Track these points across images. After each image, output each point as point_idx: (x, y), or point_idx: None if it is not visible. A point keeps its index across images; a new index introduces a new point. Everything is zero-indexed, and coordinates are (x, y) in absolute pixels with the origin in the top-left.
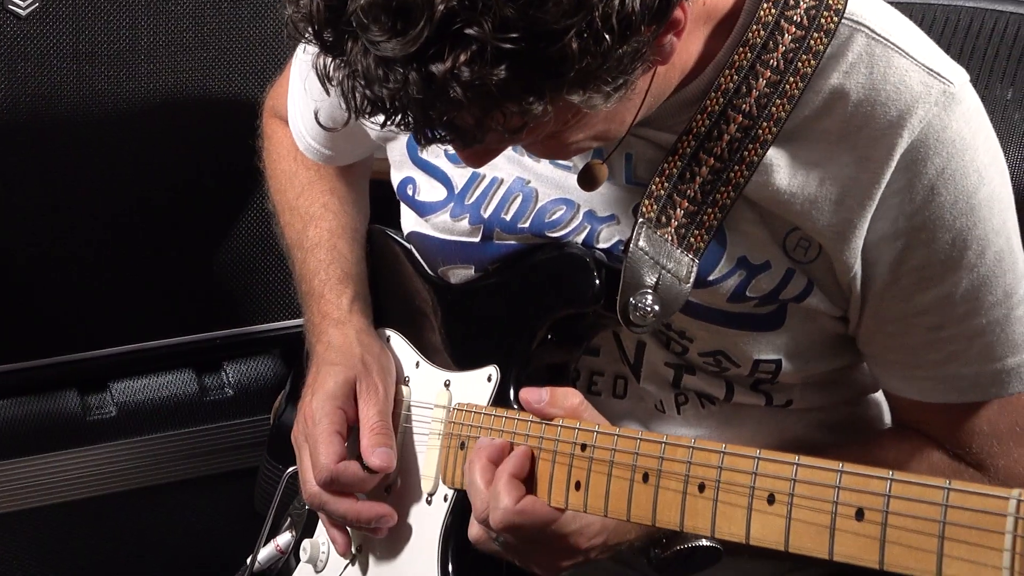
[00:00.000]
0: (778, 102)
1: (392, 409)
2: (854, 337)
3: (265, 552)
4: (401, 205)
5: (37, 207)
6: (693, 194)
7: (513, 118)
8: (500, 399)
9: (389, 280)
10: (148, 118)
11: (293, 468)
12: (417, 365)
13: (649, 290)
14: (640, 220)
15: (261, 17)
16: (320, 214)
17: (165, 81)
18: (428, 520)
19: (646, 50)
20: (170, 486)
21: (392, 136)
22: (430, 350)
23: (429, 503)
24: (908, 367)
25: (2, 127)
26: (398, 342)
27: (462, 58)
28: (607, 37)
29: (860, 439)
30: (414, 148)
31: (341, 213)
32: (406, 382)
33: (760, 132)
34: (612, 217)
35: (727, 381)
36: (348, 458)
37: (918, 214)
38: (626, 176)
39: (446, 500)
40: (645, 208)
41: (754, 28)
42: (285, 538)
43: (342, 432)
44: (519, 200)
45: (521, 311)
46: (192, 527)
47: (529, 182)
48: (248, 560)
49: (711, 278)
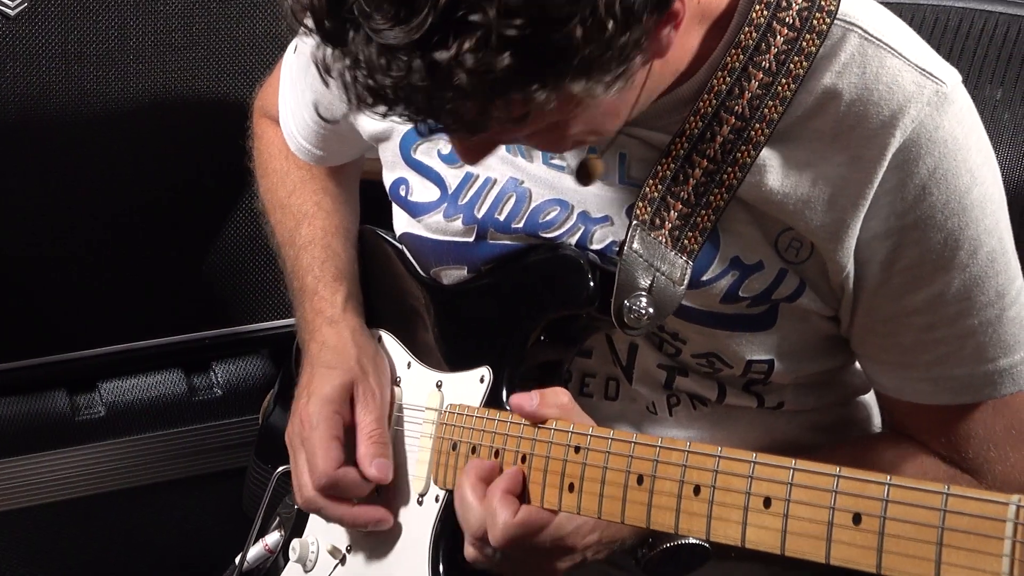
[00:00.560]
0: (770, 104)
1: (388, 411)
2: (847, 338)
3: (254, 551)
4: (393, 206)
5: (26, 207)
6: (687, 196)
7: (516, 106)
8: (492, 400)
9: (381, 281)
10: (137, 118)
11: (282, 468)
12: (409, 366)
13: (644, 293)
14: (634, 223)
15: (250, 17)
16: (313, 212)
17: (154, 81)
18: (419, 520)
19: (645, 40)
20: (159, 486)
21: (385, 136)
22: (422, 351)
23: (420, 503)
24: (901, 368)
25: None
26: (390, 343)
27: (466, 45)
28: (609, 25)
29: (852, 442)
30: (407, 148)
31: (334, 212)
32: (397, 383)
33: (753, 134)
34: (606, 218)
35: (719, 382)
36: (345, 463)
37: (909, 213)
38: (620, 176)
39: (437, 501)
40: (639, 210)
41: (746, 30)
42: (274, 538)
43: (339, 437)
44: (513, 200)
45: (514, 312)
46: (181, 527)
47: (523, 182)
48: (236, 559)
49: (704, 278)
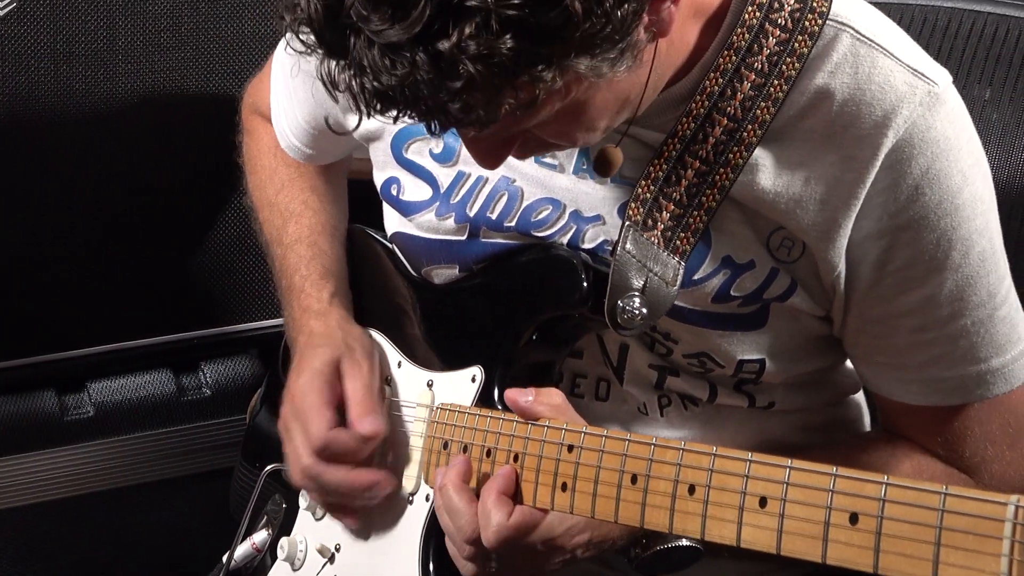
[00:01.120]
0: (762, 105)
1: (378, 385)
2: (840, 338)
3: (241, 550)
4: (384, 205)
5: (15, 207)
6: (679, 197)
7: (524, 90)
8: (484, 399)
9: (371, 280)
10: (125, 118)
11: (272, 466)
12: (399, 365)
13: (637, 293)
14: (627, 223)
15: (239, 17)
16: (300, 211)
17: (143, 81)
18: (409, 519)
19: (645, 16)
20: (147, 486)
21: (376, 136)
22: (413, 350)
23: (411, 502)
24: (893, 369)
25: None
26: (380, 342)
27: (467, 31)
28: None
29: (847, 442)
30: (399, 148)
31: (321, 211)
32: (388, 382)
33: (745, 135)
34: (598, 217)
35: (710, 382)
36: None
37: (902, 213)
38: (612, 174)
39: (427, 500)
40: (631, 211)
41: (739, 31)
42: (261, 536)
43: (331, 403)
44: (505, 199)
45: (507, 312)
46: (169, 527)
47: (515, 181)
48: (224, 558)
49: (696, 277)
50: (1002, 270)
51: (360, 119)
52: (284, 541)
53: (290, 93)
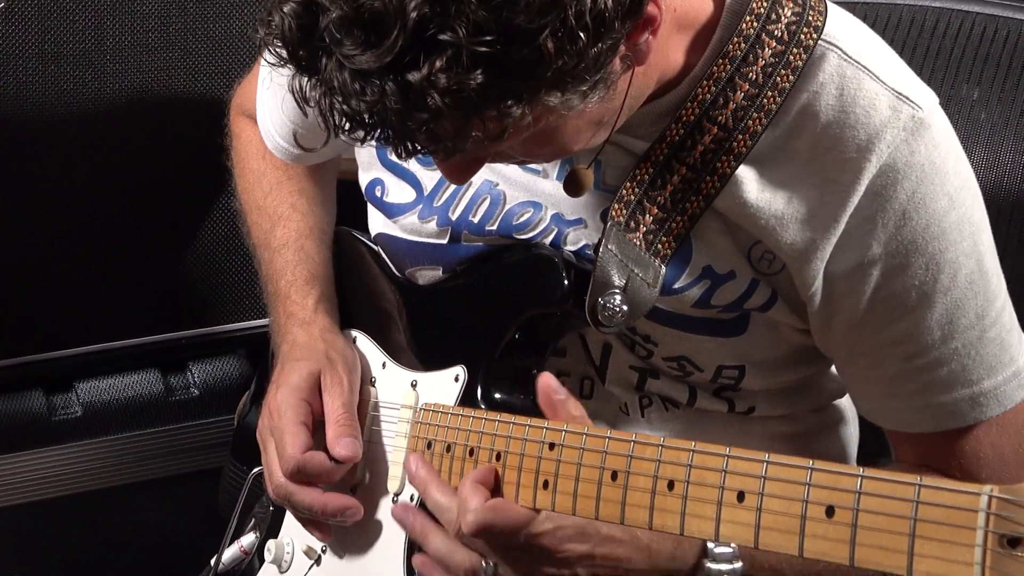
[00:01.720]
0: (755, 116)
1: (357, 402)
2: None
3: (229, 553)
4: (368, 206)
5: (1, 207)
6: (663, 201)
7: (492, 123)
8: (467, 399)
9: (355, 282)
10: (114, 118)
11: (258, 469)
12: (384, 366)
13: (618, 291)
14: (610, 223)
15: (226, 17)
16: (288, 214)
17: (131, 81)
18: (394, 520)
19: (621, 47)
20: (136, 486)
21: None
22: (397, 351)
23: (395, 503)
24: (884, 398)
25: None
26: (364, 343)
27: (438, 64)
28: (582, 35)
29: None
30: (383, 149)
31: (309, 214)
32: (372, 383)
33: (735, 144)
34: (580, 221)
35: (690, 386)
36: (315, 450)
37: (892, 240)
38: (595, 182)
39: (412, 500)
40: (615, 212)
41: (735, 40)
42: (249, 539)
43: (307, 423)
44: (487, 202)
45: (489, 311)
46: (157, 527)
47: (497, 184)
48: (212, 561)
49: (676, 286)
50: (992, 291)
51: (328, 137)
52: (271, 543)
53: (276, 93)
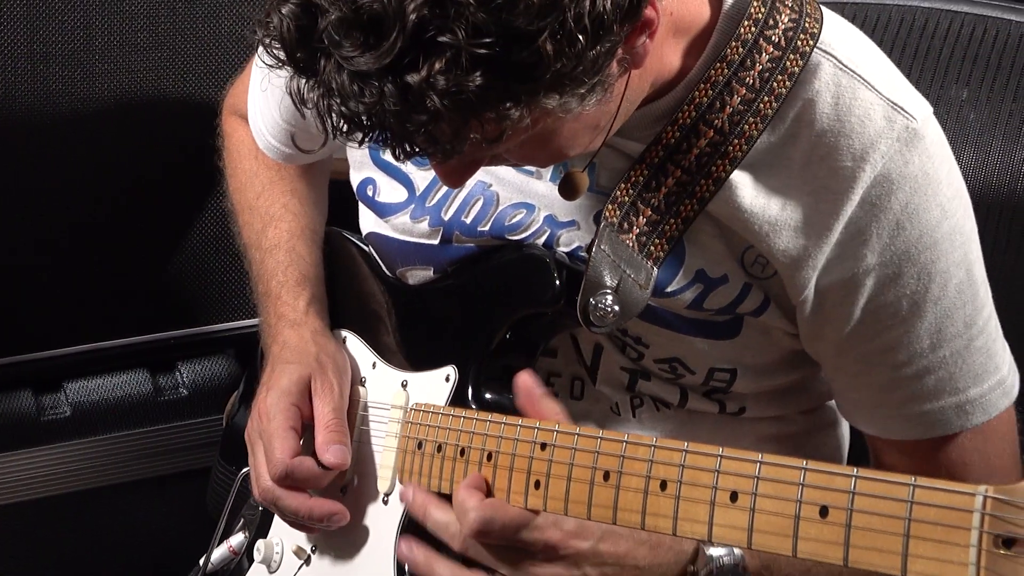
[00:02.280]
0: (751, 120)
1: (347, 406)
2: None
3: (218, 553)
4: (360, 206)
5: None
6: (657, 203)
7: (490, 126)
8: (458, 399)
9: (346, 281)
10: (103, 118)
11: (247, 470)
12: (374, 366)
13: (610, 291)
14: (603, 223)
15: (216, 17)
16: (280, 215)
17: (120, 81)
18: (384, 520)
19: (619, 50)
20: (124, 486)
21: None
22: (387, 351)
23: (385, 503)
24: (871, 406)
25: None
26: (355, 343)
27: (437, 66)
28: (580, 38)
29: None
30: (376, 149)
31: (301, 214)
32: (363, 383)
33: (730, 149)
34: (572, 222)
35: (681, 387)
36: (303, 455)
37: (886, 250)
38: (589, 183)
39: (402, 500)
40: (608, 213)
41: (733, 45)
42: (238, 539)
43: (296, 428)
44: (480, 203)
45: (481, 311)
46: (146, 527)
47: (490, 185)
48: (201, 561)
49: (669, 290)
50: (980, 300)
51: (325, 139)
52: (260, 543)
53: (267, 92)
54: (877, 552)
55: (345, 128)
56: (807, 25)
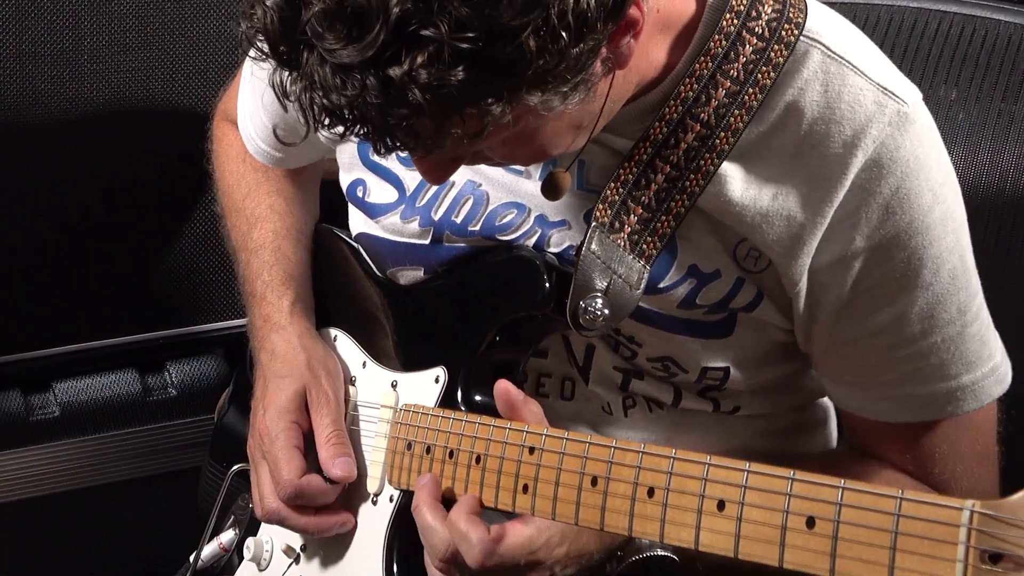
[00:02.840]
0: (736, 113)
1: (344, 412)
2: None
3: (208, 550)
4: (349, 207)
5: None
6: (648, 201)
7: (472, 121)
8: (447, 400)
9: (337, 280)
10: (91, 118)
11: (238, 466)
12: (364, 365)
13: (599, 294)
14: (593, 224)
15: (205, 17)
16: (266, 215)
17: (108, 81)
18: (373, 520)
19: (602, 49)
20: (113, 486)
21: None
22: (377, 351)
23: (375, 503)
24: (863, 387)
25: None
26: (345, 342)
27: (419, 60)
28: (563, 35)
29: (816, 458)
30: (365, 150)
31: (287, 214)
32: (353, 382)
33: (717, 142)
34: (563, 222)
35: (675, 386)
36: (308, 471)
37: (874, 234)
38: (578, 182)
39: (391, 500)
40: (599, 213)
41: (716, 38)
42: (228, 536)
43: (300, 446)
44: (470, 203)
45: (470, 313)
46: (135, 527)
47: (480, 185)
48: (191, 557)
49: (661, 286)
50: (973, 287)
51: (307, 132)
52: (250, 541)
53: (256, 97)
54: (864, 564)
55: (327, 121)
56: (791, 15)
